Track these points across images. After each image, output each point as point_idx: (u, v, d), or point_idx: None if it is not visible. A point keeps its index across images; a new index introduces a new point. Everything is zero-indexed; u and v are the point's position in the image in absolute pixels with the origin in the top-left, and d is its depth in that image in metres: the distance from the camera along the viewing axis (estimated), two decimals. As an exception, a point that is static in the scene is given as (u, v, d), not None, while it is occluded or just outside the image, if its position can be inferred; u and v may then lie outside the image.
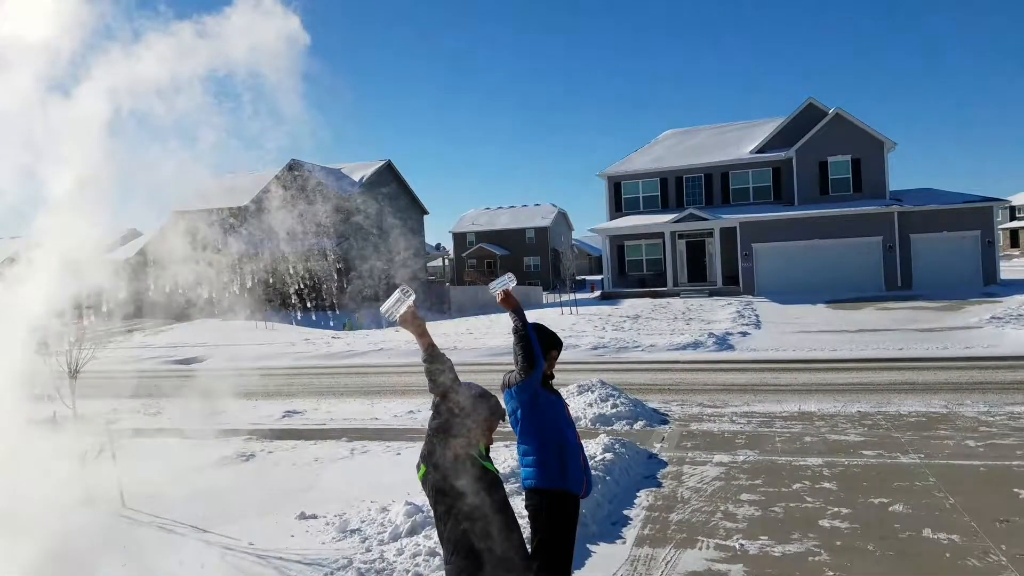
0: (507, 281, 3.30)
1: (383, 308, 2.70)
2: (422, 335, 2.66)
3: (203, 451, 7.93)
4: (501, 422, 2.90)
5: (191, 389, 13.26)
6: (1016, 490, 5.42)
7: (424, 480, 2.70)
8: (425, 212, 36.87)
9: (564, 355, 16.47)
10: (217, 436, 8.73)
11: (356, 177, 31.81)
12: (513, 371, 3.30)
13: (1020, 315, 16.58)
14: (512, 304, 3.29)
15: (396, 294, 2.69)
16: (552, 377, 3.45)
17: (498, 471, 2.88)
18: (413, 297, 2.69)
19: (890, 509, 5.16)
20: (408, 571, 4.28)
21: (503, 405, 3.02)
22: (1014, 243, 61.01)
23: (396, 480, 6.03)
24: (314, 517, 5.38)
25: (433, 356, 2.64)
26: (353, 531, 5.01)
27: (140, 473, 7.03)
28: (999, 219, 27.11)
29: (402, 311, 2.66)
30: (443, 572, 2.80)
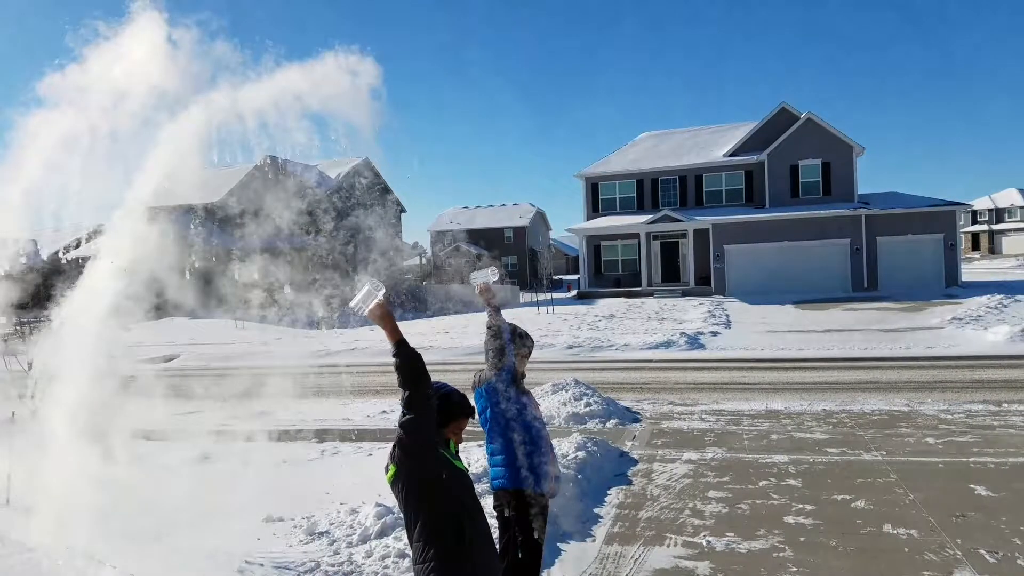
0: (489, 275, 3.28)
1: (352, 303, 2.65)
2: (392, 330, 2.62)
3: (166, 452, 7.73)
4: (470, 420, 2.88)
5: (158, 389, 12.89)
6: (972, 486, 5.61)
7: (394, 480, 2.66)
8: (403, 210, 36.65)
9: (539, 354, 16.40)
10: (180, 437, 8.53)
11: (333, 174, 31.42)
12: (484, 369, 3.29)
13: (979, 316, 17.17)
14: (490, 298, 3.28)
15: (366, 287, 2.64)
16: (523, 376, 3.45)
17: (467, 469, 2.86)
18: (383, 291, 2.64)
19: (852, 505, 5.28)
20: (377, 573, 4.23)
21: (472, 403, 3.00)
22: (975, 246, 63.24)
23: (366, 481, 5.96)
24: (281, 520, 5.28)
25: (403, 351, 2.60)
26: (321, 533, 4.93)
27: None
28: (961, 223, 28.02)
29: (371, 305, 2.61)
30: (412, 574, 2.77)
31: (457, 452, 2.82)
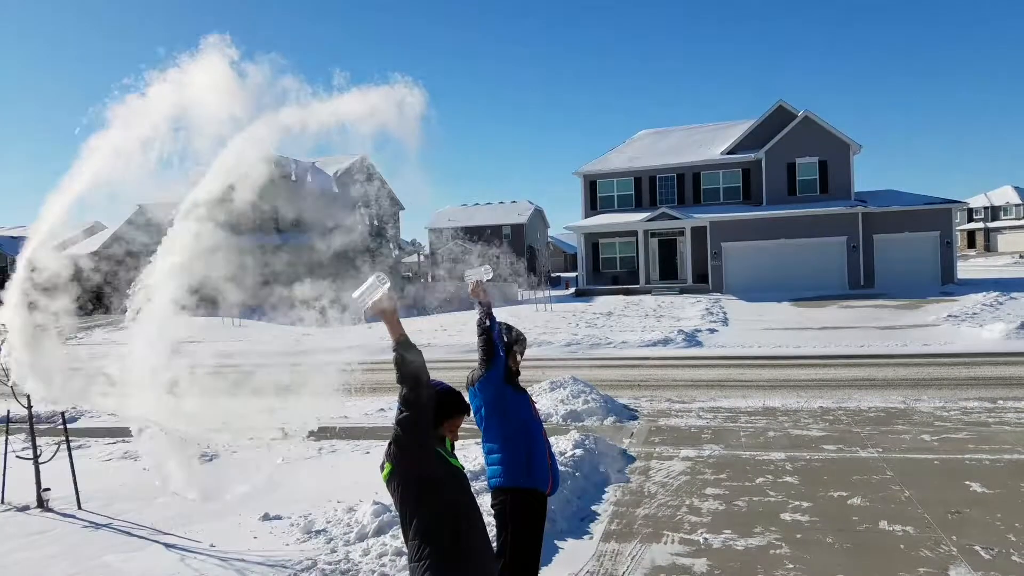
0: (482, 272, 3.27)
1: (355, 294, 2.62)
2: (395, 326, 2.60)
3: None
4: (465, 418, 2.88)
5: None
6: (967, 483, 5.63)
7: (389, 478, 2.65)
8: (401, 208, 36.57)
9: (538, 352, 16.40)
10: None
11: (331, 171, 31.36)
12: (477, 368, 3.29)
13: (975, 314, 17.22)
14: (481, 296, 3.28)
15: (370, 280, 2.60)
16: (519, 374, 3.45)
17: (463, 467, 2.86)
18: (388, 285, 2.60)
19: (849, 502, 5.30)
20: (374, 571, 4.23)
21: (467, 400, 3.00)
22: (971, 244, 63.43)
23: (364, 479, 5.96)
24: (278, 518, 5.28)
25: (404, 347, 2.58)
26: (318, 531, 4.93)
27: (97, 473, 6.81)
28: (957, 220, 28.09)
29: (375, 298, 2.58)
30: (408, 572, 2.76)
31: (453, 450, 2.82)
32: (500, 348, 3.23)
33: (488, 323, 3.22)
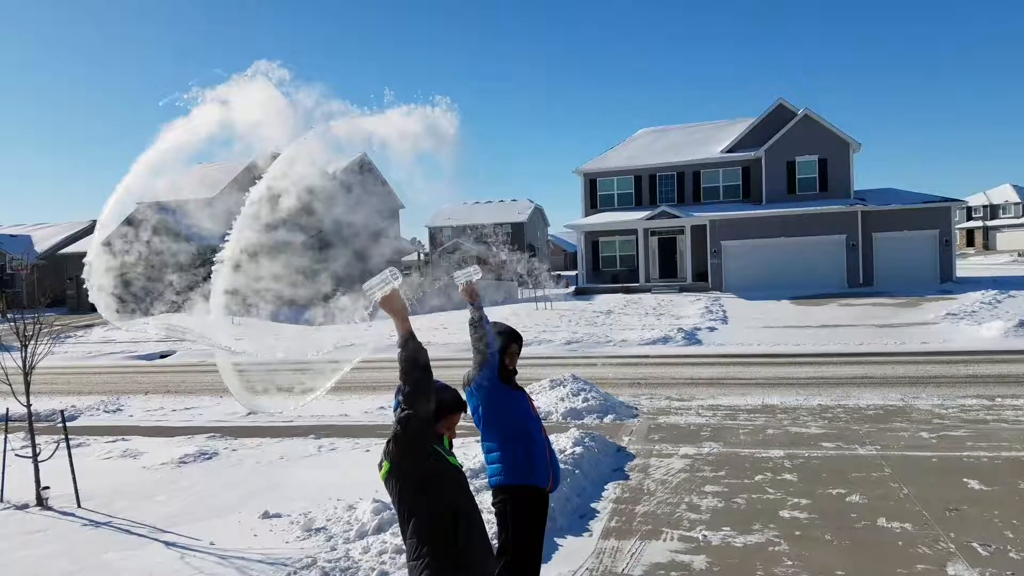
0: (472, 273, 3.28)
1: (365, 285, 2.62)
2: (403, 321, 2.59)
3: (164, 449, 7.73)
4: (463, 415, 2.88)
5: (154, 385, 12.90)
6: (965, 480, 5.65)
7: (388, 477, 2.65)
8: (401, 206, 36.54)
9: (538, 350, 16.41)
10: (179, 434, 8.52)
11: (330, 169, 31.30)
12: (471, 369, 3.29)
13: (974, 312, 17.23)
14: (472, 296, 3.28)
15: (384, 274, 2.60)
16: (515, 373, 3.45)
17: (461, 465, 2.87)
18: (400, 280, 2.60)
19: (847, 500, 5.32)
20: (374, 569, 4.24)
21: (464, 398, 3.00)
22: (970, 242, 63.45)
23: (364, 477, 5.97)
24: (278, 516, 5.29)
25: (411, 343, 2.57)
26: (318, 529, 4.94)
27: (96, 471, 6.82)
28: (956, 219, 28.08)
29: (385, 292, 2.57)
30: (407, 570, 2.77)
31: (451, 448, 2.82)
32: (494, 346, 3.23)
33: (480, 321, 3.23)
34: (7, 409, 6.81)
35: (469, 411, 3.38)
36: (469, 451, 6.41)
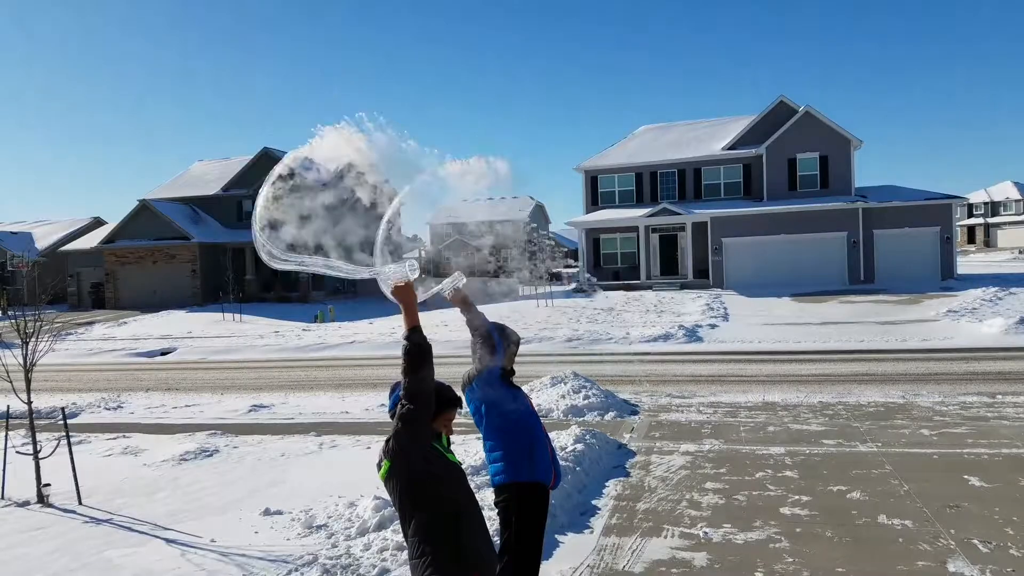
0: (456, 278, 3.27)
1: (383, 271, 2.75)
2: (412, 314, 2.65)
3: (165, 446, 7.74)
4: (459, 412, 2.88)
5: (154, 383, 12.91)
6: (966, 477, 5.64)
7: (387, 476, 2.64)
8: (401, 203, 36.52)
9: (538, 347, 16.38)
10: (179, 431, 8.52)
11: (331, 167, 31.27)
12: (472, 368, 3.29)
13: (975, 309, 17.22)
14: (465, 304, 3.29)
15: (403, 265, 2.74)
16: (513, 373, 3.45)
17: (460, 463, 2.86)
18: (417, 273, 2.74)
19: (848, 496, 5.32)
20: (375, 566, 4.24)
21: (459, 394, 3.00)
22: (970, 239, 63.38)
23: (365, 474, 5.97)
24: (279, 513, 5.30)
25: (417, 337, 2.60)
26: (319, 526, 4.94)
27: (97, 468, 6.83)
28: (957, 216, 28.01)
29: (397, 279, 2.69)
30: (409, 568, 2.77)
31: (449, 445, 2.82)
32: (499, 345, 3.23)
33: (480, 324, 3.23)
34: (8, 406, 6.82)
35: (470, 411, 3.38)
36: (469, 448, 6.41)
